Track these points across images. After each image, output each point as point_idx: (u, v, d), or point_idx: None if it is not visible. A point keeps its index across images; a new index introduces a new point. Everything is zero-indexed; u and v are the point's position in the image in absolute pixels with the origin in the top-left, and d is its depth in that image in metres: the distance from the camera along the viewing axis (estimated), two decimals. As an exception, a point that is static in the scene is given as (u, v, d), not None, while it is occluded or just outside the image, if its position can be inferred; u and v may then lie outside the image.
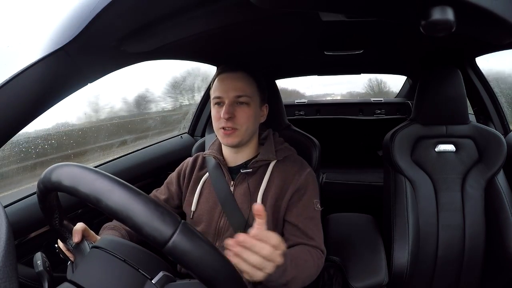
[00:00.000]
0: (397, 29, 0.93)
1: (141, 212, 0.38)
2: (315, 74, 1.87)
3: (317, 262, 0.77)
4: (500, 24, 0.33)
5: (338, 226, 1.19)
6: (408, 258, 1.04)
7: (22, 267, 0.80)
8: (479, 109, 1.35)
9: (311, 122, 2.22)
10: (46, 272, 0.52)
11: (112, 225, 0.82)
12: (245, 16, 0.71)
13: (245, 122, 0.82)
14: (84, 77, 0.57)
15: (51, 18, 0.51)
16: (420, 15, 0.34)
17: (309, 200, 0.83)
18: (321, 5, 0.42)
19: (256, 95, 0.85)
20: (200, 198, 0.88)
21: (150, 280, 0.47)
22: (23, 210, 0.83)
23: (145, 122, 1.85)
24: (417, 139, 1.13)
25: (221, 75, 0.85)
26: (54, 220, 0.55)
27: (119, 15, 0.49)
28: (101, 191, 0.39)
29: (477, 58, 1.25)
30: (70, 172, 0.42)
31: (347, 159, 2.14)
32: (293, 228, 0.81)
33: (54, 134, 1.21)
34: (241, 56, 1.18)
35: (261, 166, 0.87)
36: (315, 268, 0.76)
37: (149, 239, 0.37)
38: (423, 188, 1.10)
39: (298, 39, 1.05)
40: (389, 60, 1.51)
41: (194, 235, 0.39)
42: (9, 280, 0.30)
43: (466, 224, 1.07)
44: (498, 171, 1.07)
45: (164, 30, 0.60)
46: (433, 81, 1.08)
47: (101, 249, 0.50)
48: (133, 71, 0.83)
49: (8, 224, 0.35)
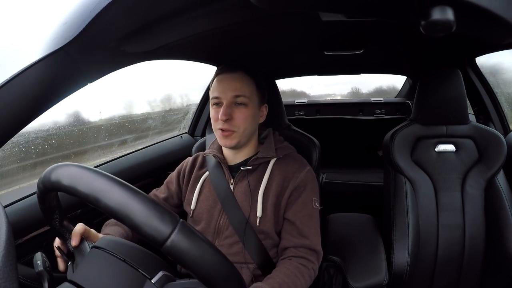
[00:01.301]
0: (397, 29, 0.93)
1: (140, 211, 0.38)
2: (315, 74, 1.87)
3: (307, 275, 0.77)
4: (500, 24, 0.33)
5: (338, 226, 1.19)
6: (408, 258, 1.04)
7: (22, 267, 0.79)
8: (479, 109, 1.35)
9: (311, 122, 2.22)
10: (46, 272, 0.52)
11: (114, 221, 0.82)
12: (245, 16, 0.71)
13: (242, 123, 0.82)
14: (84, 77, 0.57)
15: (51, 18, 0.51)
16: (420, 15, 0.34)
17: (307, 197, 0.83)
18: (321, 5, 0.42)
19: (255, 95, 0.85)
20: (200, 196, 0.88)
21: (150, 280, 0.47)
22: (23, 210, 0.83)
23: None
24: (417, 139, 1.13)
25: (220, 76, 0.85)
26: (54, 220, 0.55)
27: (119, 15, 0.49)
28: (100, 190, 0.39)
29: (477, 58, 1.25)
30: (69, 172, 0.42)
31: (347, 159, 2.14)
32: (290, 226, 0.81)
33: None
34: (241, 56, 1.18)
35: (261, 163, 0.87)
36: (306, 282, 0.76)
37: (148, 238, 0.37)
38: (423, 188, 1.10)
39: (298, 39, 1.05)
40: (389, 60, 1.51)
41: (193, 234, 0.39)
42: (9, 280, 0.30)
43: (466, 224, 1.07)
44: (498, 171, 1.07)
45: (164, 30, 0.60)
46: (433, 81, 1.08)
47: (101, 249, 0.50)
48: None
49: (8, 224, 0.35)
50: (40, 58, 0.47)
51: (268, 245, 0.83)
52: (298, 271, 0.75)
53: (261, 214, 0.81)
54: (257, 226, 0.81)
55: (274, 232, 0.83)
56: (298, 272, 0.75)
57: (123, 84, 1.40)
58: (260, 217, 0.81)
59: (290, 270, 0.75)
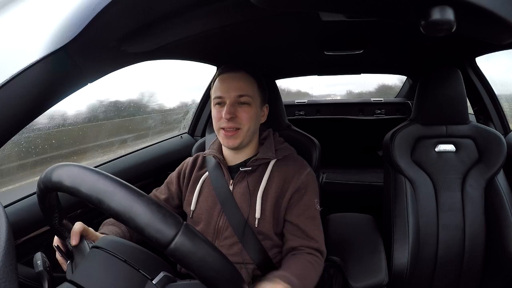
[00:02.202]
0: (397, 29, 0.93)
1: (144, 214, 0.38)
2: (315, 74, 1.87)
3: (318, 269, 0.79)
4: (500, 24, 0.33)
5: (338, 226, 1.19)
6: (408, 258, 1.04)
7: (22, 267, 0.79)
8: (479, 109, 1.35)
9: (311, 122, 2.22)
10: (46, 272, 0.52)
11: (112, 220, 0.82)
12: (245, 16, 0.71)
13: (247, 122, 0.82)
14: (84, 77, 0.57)
15: (51, 18, 0.51)
16: (420, 15, 0.34)
17: (309, 200, 0.83)
18: (321, 5, 0.42)
19: (257, 95, 0.85)
20: (200, 197, 0.88)
21: (151, 281, 0.47)
22: (23, 210, 0.83)
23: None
24: (417, 139, 1.13)
25: (222, 75, 0.85)
26: (54, 220, 0.55)
27: (119, 15, 0.49)
28: (103, 192, 0.39)
29: (477, 58, 1.25)
30: (71, 172, 0.42)
31: (347, 159, 2.14)
32: (294, 228, 0.81)
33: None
34: (241, 56, 1.18)
35: (261, 165, 0.87)
36: (317, 276, 0.78)
37: (152, 240, 0.37)
38: (423, 188, 1.10)
39: (298, 39, 1.05)
40: (389, 60, 1.51)
41: (196, 237, 0.39)
42: (9, 280, 0.30)
43: (466, 224, 1.07)
44: (498, 171, 1.07)
45: (164, 30, 0.60)
46: (433, 81, 1.08)
47: (101, 249, 0.50)
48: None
49: (8, 224, 0.35)
50: (40, 58, 0.47)
51: (267, 246, 0.83)
52: (310, 263, 0.77)
53: (260, 216, 0.81)
54: (255, 227, 0.81)
55: (273, 233, 0.82)
56: (309, 263, 0.77)
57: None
58: (258, 218, 0.81)
59: (302, 262, 0.77)
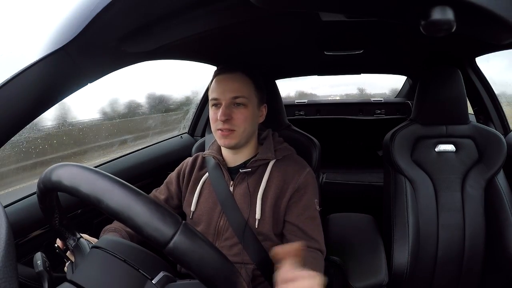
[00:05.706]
0: (397, 29, 0.93)
1: (142, 213, 0.38)
2: (315, 74, 1.86)
3: (321, 264, 0.79)
4: (500, 24, 0.33)
5: (338, 226, 1.19)
6: (408, 258, 1.04)
7: (22, 267, 0.79)
8: (479, 109, 1.35)
9: (311, 122, 2.22)
10: (46, 272, 0.52)
11: (113, 227, 0.82)
12: (245, 16, 0.71)
13: (242, 123, 0.82)
14: (84, 77, 0.57)
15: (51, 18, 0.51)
16: (420, 15, 0.34)
17: (309, 200, 0.83)
18: (321, 5, 0.42)
19: (254, 95, 0.85)
20: (200, 198, 0.88)
21: (151, 280, 0.47)
22: (23, 210, 0.83)
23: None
24: (417, 139, 1.13)
25: (218, 76, 0.84)
26: (54, 220, 0.55)
27: (119, 15, 0.49)
28: (102, 191, 0.39)
29: (477, 58, 1.25)
30: (70, 172, 0.42)
31: (347, 159, 2.14)
32: (294, 229, 0.81)
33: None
34: (241, 56, 1.18)
35: (260, 165, 0.87)
36: (321, 272, 0.78)
37: (150, 239, 0.37)
38: (423, 188, 1.10)
39: (298, 39, 1.05)
40: (389, 60, 1.51)
41: (195, 236, 0.39)
42: (9, 280, 0.30)
43: (466, 224, 1.07)
44: (498, 171, 1.07)
45: (164, 30, 0.60)
46: (433, 81, 1.08)
47: (101, 249, 0.50)
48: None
49: (8, 224, 0.35)
50: (40, 58, 0.47)
51: (267, 246, 0.82)
52: (313, 258, 0.78)
53: (260, 217, 0.81)
54: (256, 228, 0.81)
55: (273, 234, 0.82)
56: (313, 259, 0.77)
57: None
58: (259, 219, 0.81)
59: (305, 257, 0.76)
